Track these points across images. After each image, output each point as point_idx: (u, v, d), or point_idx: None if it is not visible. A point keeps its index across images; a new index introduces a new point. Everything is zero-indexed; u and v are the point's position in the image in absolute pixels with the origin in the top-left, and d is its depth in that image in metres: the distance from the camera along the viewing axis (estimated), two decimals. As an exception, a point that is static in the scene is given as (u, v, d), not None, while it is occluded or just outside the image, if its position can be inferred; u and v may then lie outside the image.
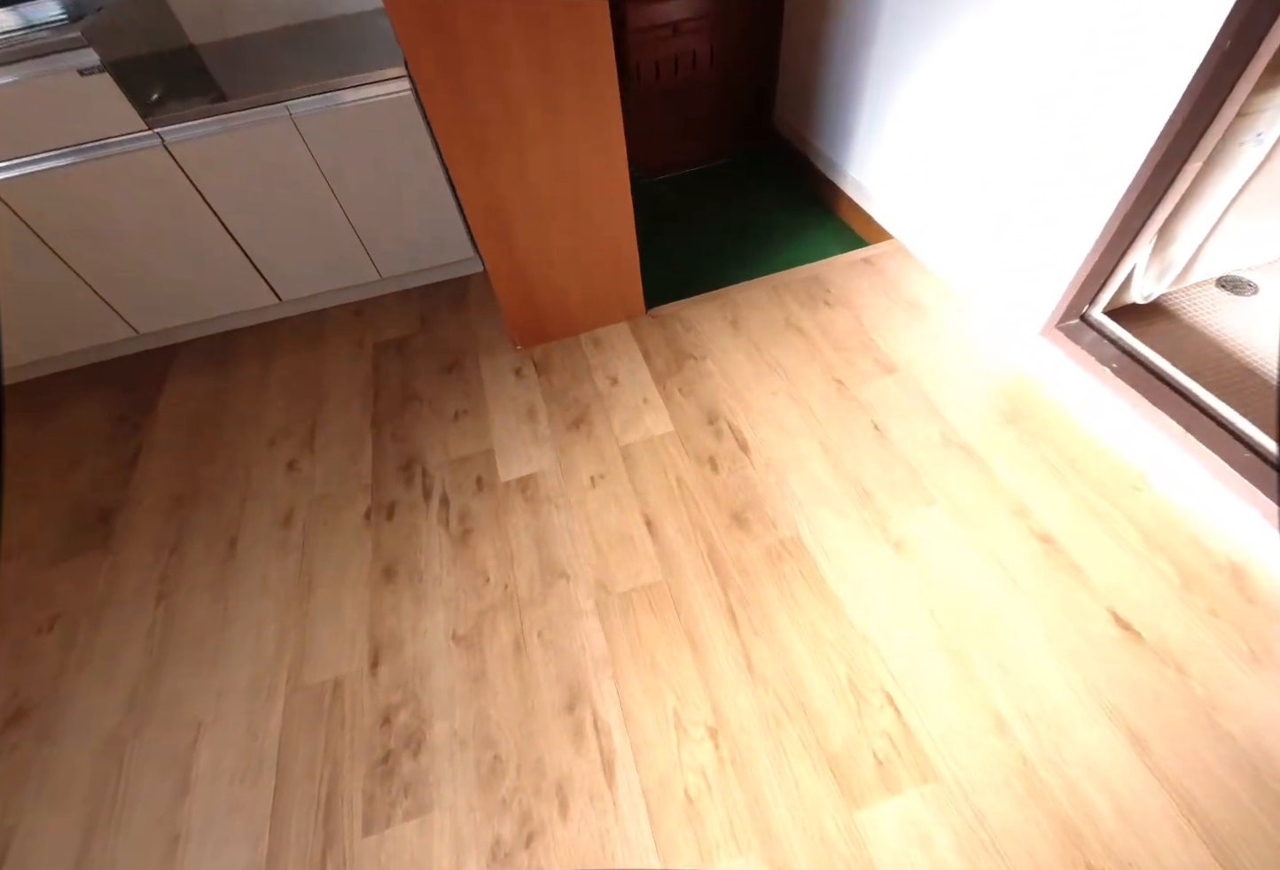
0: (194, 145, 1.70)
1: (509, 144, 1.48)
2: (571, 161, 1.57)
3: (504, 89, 1.39)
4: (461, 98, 1.38)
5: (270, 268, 1.98)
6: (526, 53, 1.35)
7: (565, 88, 1.42)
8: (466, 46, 1.31)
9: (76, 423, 1.97)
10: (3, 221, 1.71)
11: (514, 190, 1.58)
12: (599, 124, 1.52)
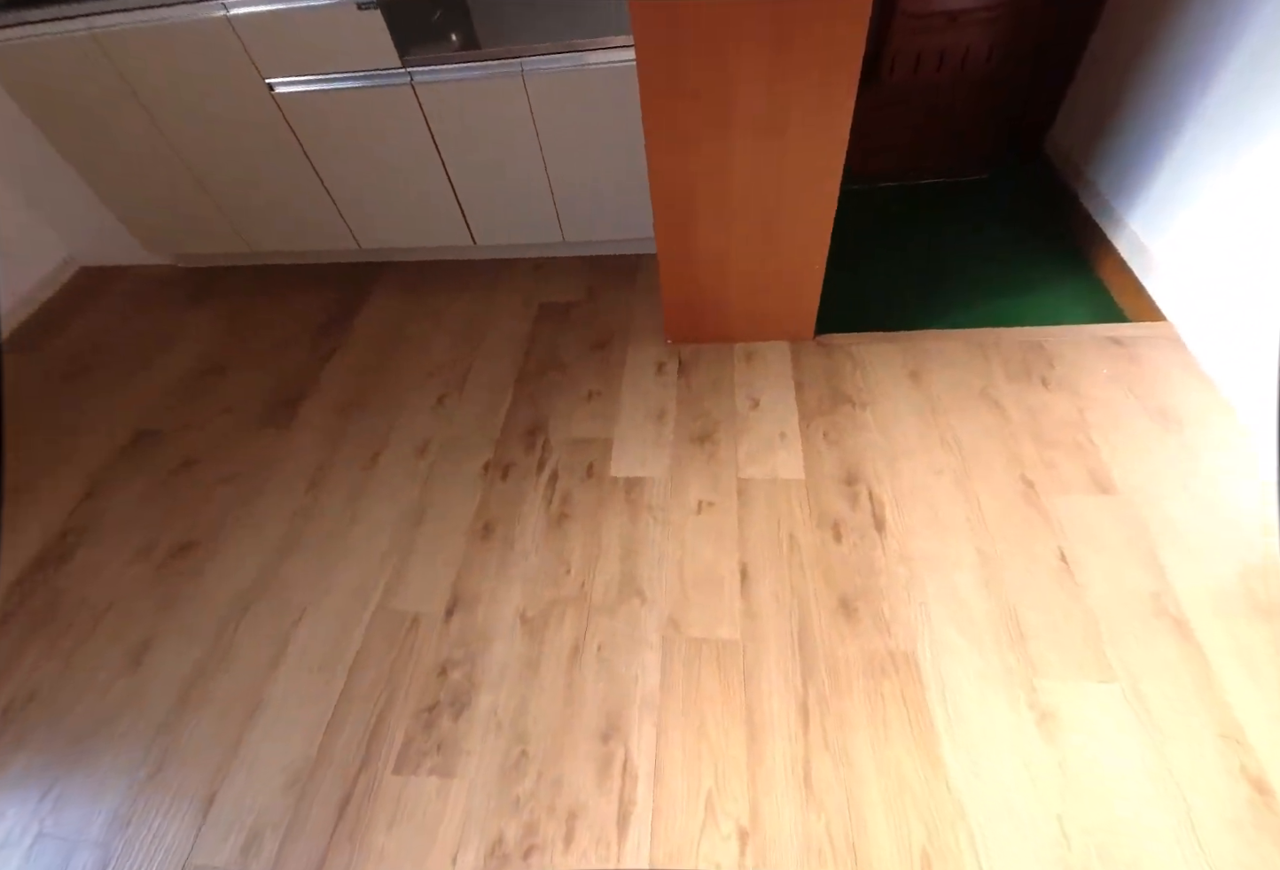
0: (436, 88, 1.70)
1: (714, 131, 1.31)
2: (779, 160, 1.35)
3: (724, 67, 1.20)
4: (675, 72, 1.22)
5: (473, 212, 1.99)
6: (760, 26, 1.13)
7: (796, 74, 1.20)
8: (692, 11, 1.13)
9: (299, 311, 2.15)
10: (277, 127, 1.84)
11: (706, 182, 1.41)
12: (825, 123, 1.27)
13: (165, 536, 1.56)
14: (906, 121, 2.14)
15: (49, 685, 1.34)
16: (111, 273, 2.45)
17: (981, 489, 1.40)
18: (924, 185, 2.32)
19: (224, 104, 1.80)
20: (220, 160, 1.95)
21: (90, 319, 2.27)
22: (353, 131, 1.83)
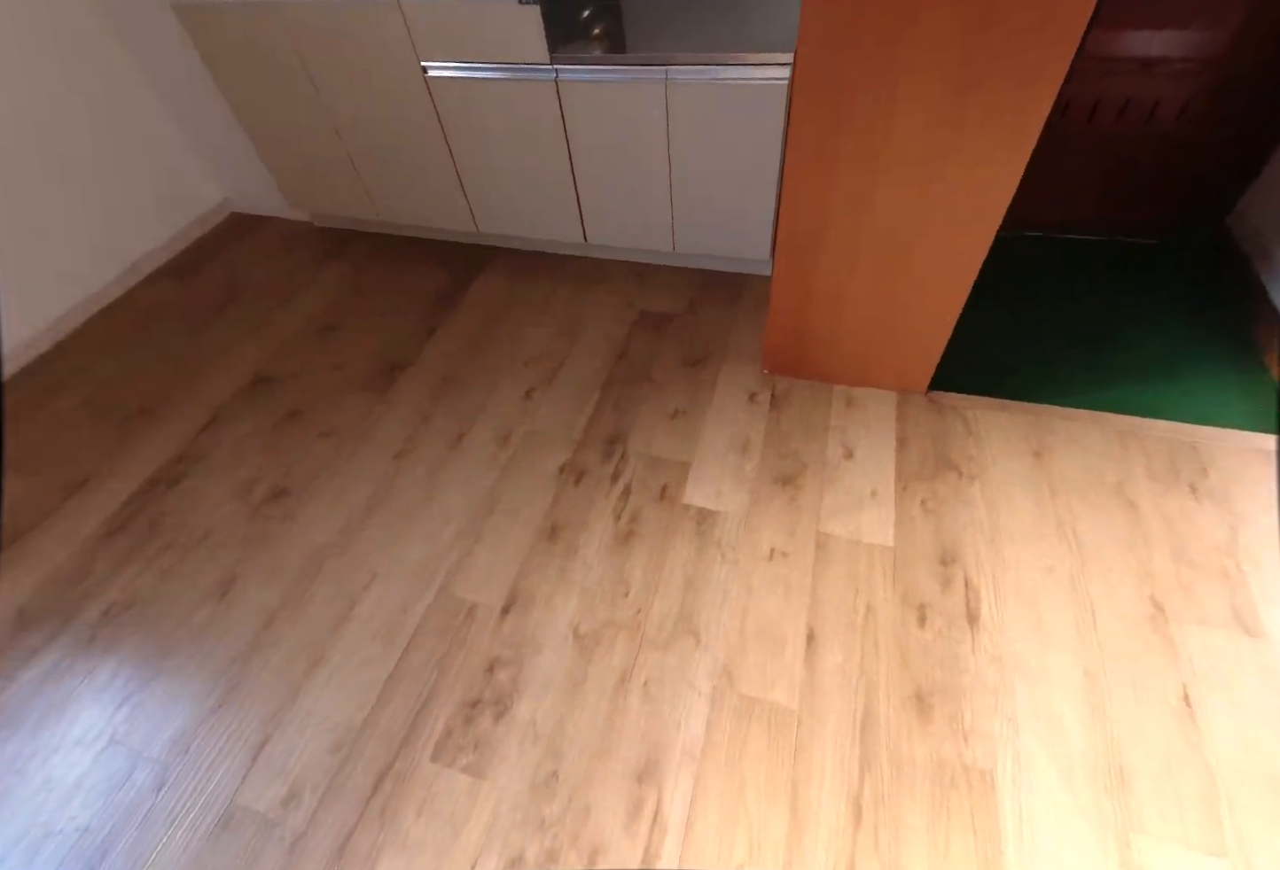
0: (578, 87, 1.63)
1: (862, 163, 1.18)
2: (930, 201, 1.20)
3: (890, 95, 1.07)
4: (833, 94, 1.11)
5: (590, 210, 1.93)
6: (943, 53, 1.00)
7: (974, 109, 1.05)
8: (868, 31, 1.01)
9: (412, 283, 2.16)
10: (424, 107, 1.83)
11: (842, 215, 1.28)
12: (994, 167, 1.12)
13: (264, 479, 1.61)
14: (1072, 170, 1.87)
15: (145, 597, 1.40)
16: (256, 222, 2.54)
17: (1099, 599, 1.19)
18: (1081, 241, 2.01)
19: (380, 81, 1.80)
20: (367, 132, 1.96)
21: (233, 261, 2.36)
22: (491, 119, 1.79)
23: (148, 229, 2.32)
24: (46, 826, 1.09)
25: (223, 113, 2.17)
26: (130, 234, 2.26)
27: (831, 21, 1.02)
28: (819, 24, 1.03)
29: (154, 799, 1.11)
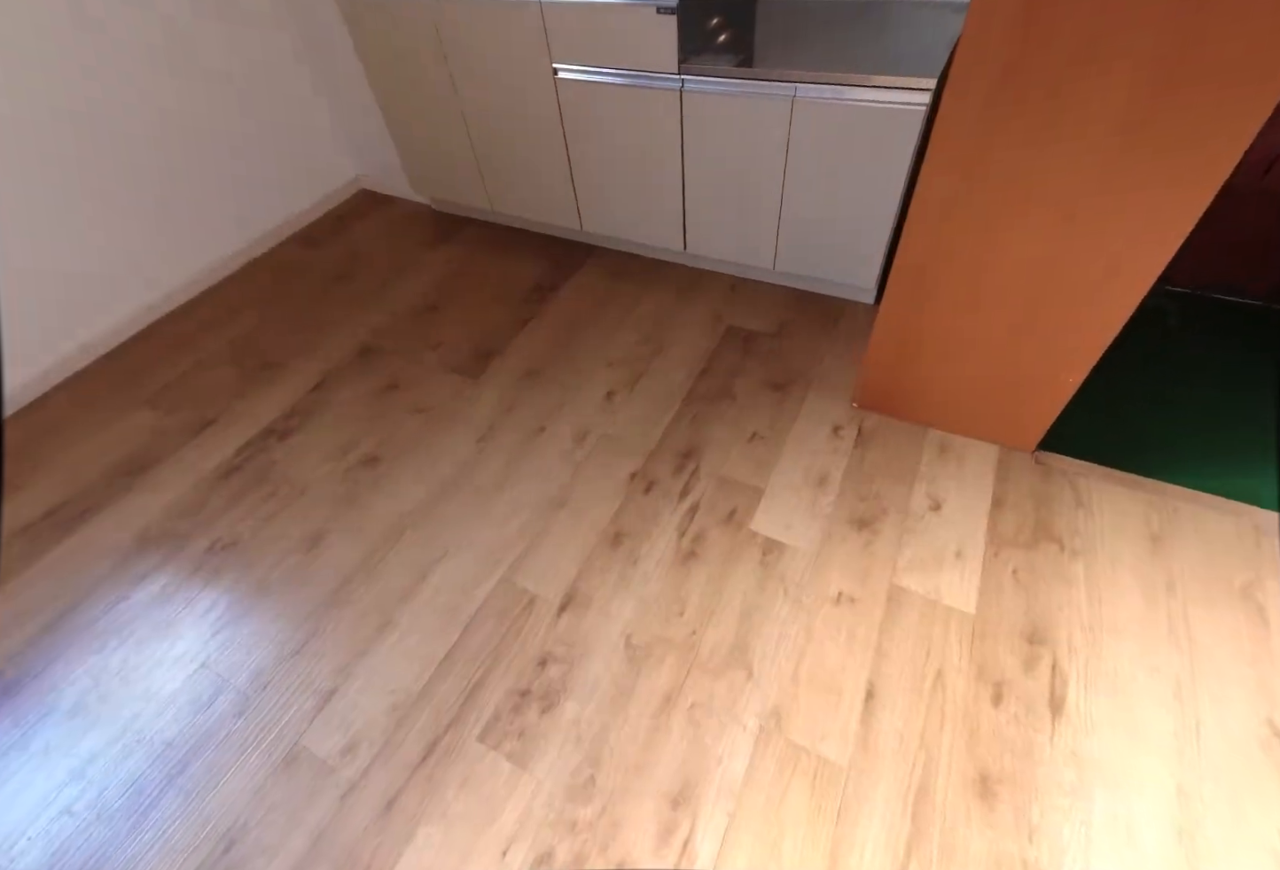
0: (701, 98, 1.57)
1: (1003, 208, 1.06)
2: (1075, 256, 1.06)
3: (1047, 142, 0.95)
4: (979, 134, 1.00)
5: (694, 220, 1.87)
6: (1115, 106, 0.88)
7: (1140, 169, 0.92)
8: (1032, 70, 0.90)
9: (513, 273, 2.17)
10: (549, 107, 1.81)
11: (968, 258, 1.16)
12: (1157, 228, 0.97)
13: (360, 444, 1.67)
14: (1237, 225, 1.60)
15: (245, 539, 1.49)
16: (381, 199, 2.61)
17: (1207, 711, 1.03)
18: (1239, 304, 1.73)
19: (512, 79, 1.79)
20: (492, 126, 1.96)
21: (357, 234, 2.44)
22: (611, 123, 1.75)
23: (288, 197, 2.42)
24: (139, 734, 1.18)
25: (365, 97, 2.23)
26: (272, 200, 2.37)
27: (992, 52, 0.91)
28: (977, 52, 0.92)
29: (232, 725, 1.18)
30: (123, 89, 1.86)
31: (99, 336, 2.01)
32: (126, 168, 1.93)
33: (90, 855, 1.04)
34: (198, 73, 2.01)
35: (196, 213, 2.15)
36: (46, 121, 1.73)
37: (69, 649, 1.32)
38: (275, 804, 1.07)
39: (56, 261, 1.86)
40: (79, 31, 1.73)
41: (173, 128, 2.00)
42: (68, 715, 1.22)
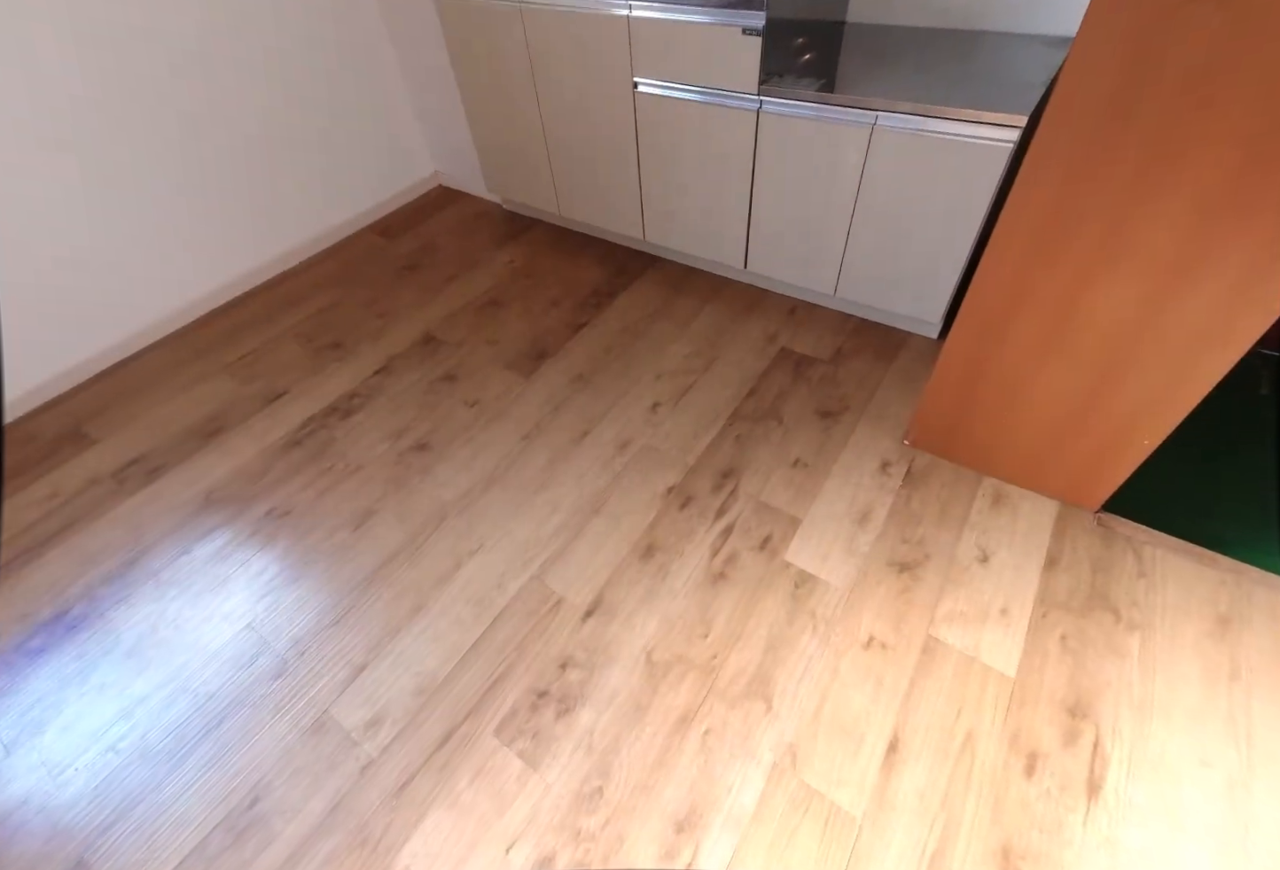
0: (777, 120, 1.52)
1: (1090, 258, 0.99)
2: (1164, 316, 0.98)
3: (1147, 190, 0.88)
4: (1072, 179, 0.93)
5: (757, 240, 1.82)
6: (1230, 151, 0.80)
7: (1246, 226, 0.84)
8: (1141, 106, 0.83)
9: (574, 277, 2.17)
10: (626, 119, 1.79)
11: (1045, 307, 1.08)
12: (1260, 291, 0.88)
13: (414, 430, 1.69)
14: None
15: (300, 509, 1.53)
16: (457, 195, 2.65)
17: (1261, 814, 0.93)
18: None
19: (593, 89, 1.78)
20: (570, 132, 1.96)
21: (432, 227, 2.48)
22: (684, 138, 1.72)
23: (372, 188, 2.48)
24: (185, 683, 1.23)
25: (452, 98, 2.25)
26: (359, 190, 2.43)
27: (1097, 85, 0.84)
28: (1081, 85, 0.85)
29: (269, 686, 1.21)
30: (235, 90, 1.93)
31: (192, 302, 2.11)
32: (238, 157, 2.02)
33: (130, 792, 1.09)
34: (300, 73, 2.07)
35: (292, 197, 2.22)
36: (171, 118, 1.81)
37: (134, 594, 1.38)
38: (300, 767, 1.10)
39: (175, 230, 1.96)
40: (206, 36, 1.80)
41: (276, 123, 2.07)
42: (125, 656, 1.28)
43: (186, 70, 1.82)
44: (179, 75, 1.81)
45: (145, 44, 1.72)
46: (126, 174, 1.82)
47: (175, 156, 1.89)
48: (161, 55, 1.76)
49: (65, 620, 1.35)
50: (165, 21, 1.74)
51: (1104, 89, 0.84)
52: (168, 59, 1.77)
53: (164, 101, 1.81)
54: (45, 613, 1.36)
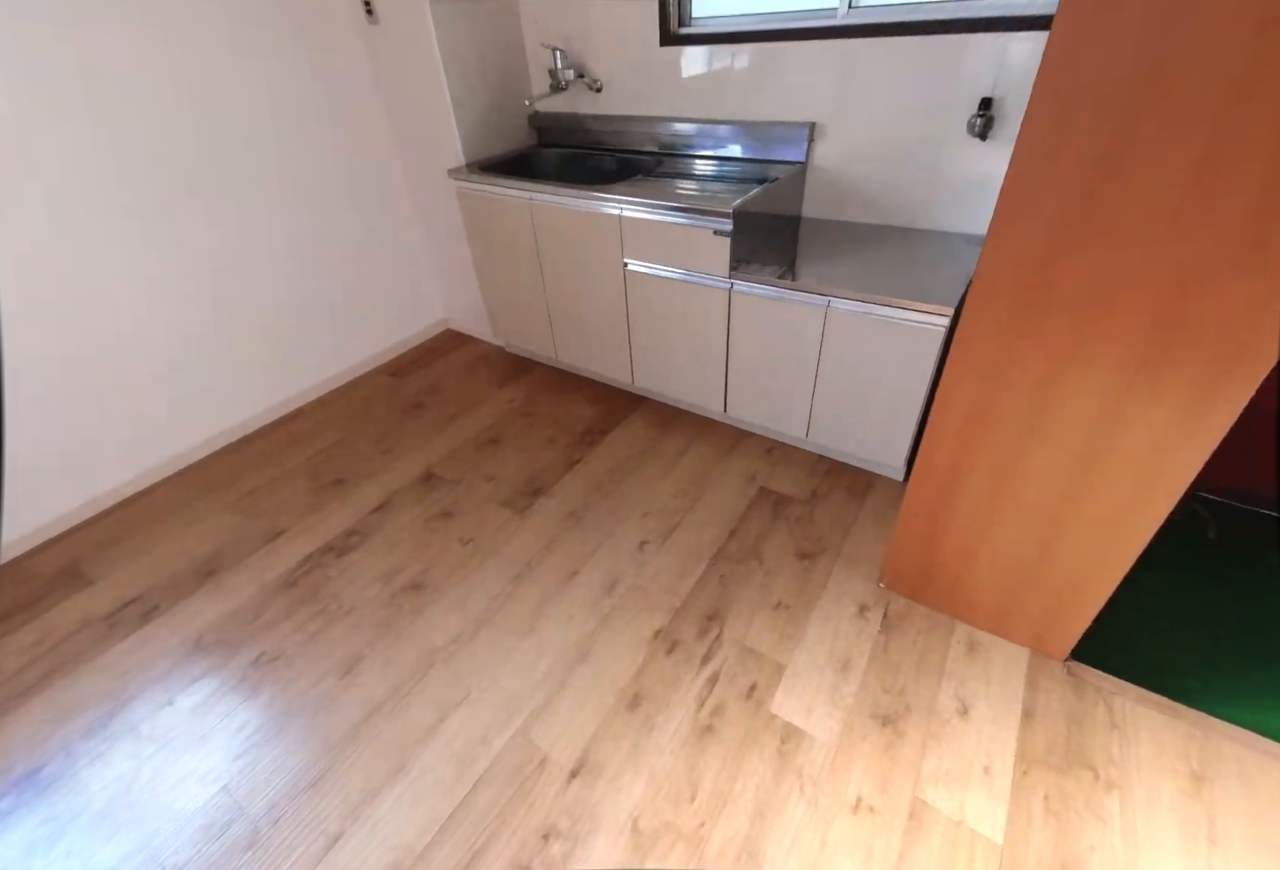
0: (747, 298, 1.82)
1: (1018, 427, 1.15)
2: (1092, 475, 1.13)
3: (1063, 365, 1.05)
4: (994, 365, 1.12)
5: (735, 389, 2.07)
6: (1135, 329, 0.96)
7: (1159, 387, 0.99)
8: (1049, 313, 1.02)
9: (568, 415, 2.39)
10: (616, 289, 2.11)
11: (987, 469, 1.25)
12: (1177, 451, 1.02)
13: (407, 569, 1.79)
14: (1264, 443, 1.58)
15: (289, 654, 1.57)
16: (463, 339, 2.98)
17: None
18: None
19: (588, 263, 2.12)
20: (567, 294, 2.29)
21: (438, 368, 2.76)
22: (668, 307, 2.03)
23: (388, 332, 2.80)
24: (154, 853, 1.21)
25: (465, 262, 2.63)
26: (375, 335, 2.75)
27: (1004, 287, 1.05)
28: (990, 287, 1.06)
29: (240, 858, 1.19)
30: (268, 249, 2.29)
31: (205, 440, 2.30)
32: (266, 307, 2.32)
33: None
34: (335, 237, 2.46)
35: (313, 344, 2.52)
36: (205, 268, 2.14)
37: (111, 750, 1.39)
38: (262, 961, 1.05)
39: (190, 373, 2.19)
40: (243, 182, 2.19)
41: (310, 277, 2.42)
42: (96, 818, 1.27)
43: (227, 225, 2.17)
44: (215, 224, 2.16)
45: (211, 210, 2.08)
46: (158, 317, 2.06)
47: (207, 304, 2.17)
48: (203, 212, 2.12)
49: (39, 779, 1.34)
50: (219, 185, 2.11)
51: (1003, 307, 1.07)
52: (208, 214, 2.13)
53: (199, 258, 2.12)
54: (19, 770, 1.36)
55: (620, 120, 2.33)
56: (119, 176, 1.84)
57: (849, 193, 2.01)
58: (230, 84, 1.99)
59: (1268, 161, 0.79)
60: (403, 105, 2.36)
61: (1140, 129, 0.84)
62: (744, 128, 2.06)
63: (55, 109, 1.68)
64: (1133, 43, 0.80)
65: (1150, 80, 0.81)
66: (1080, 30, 0.82)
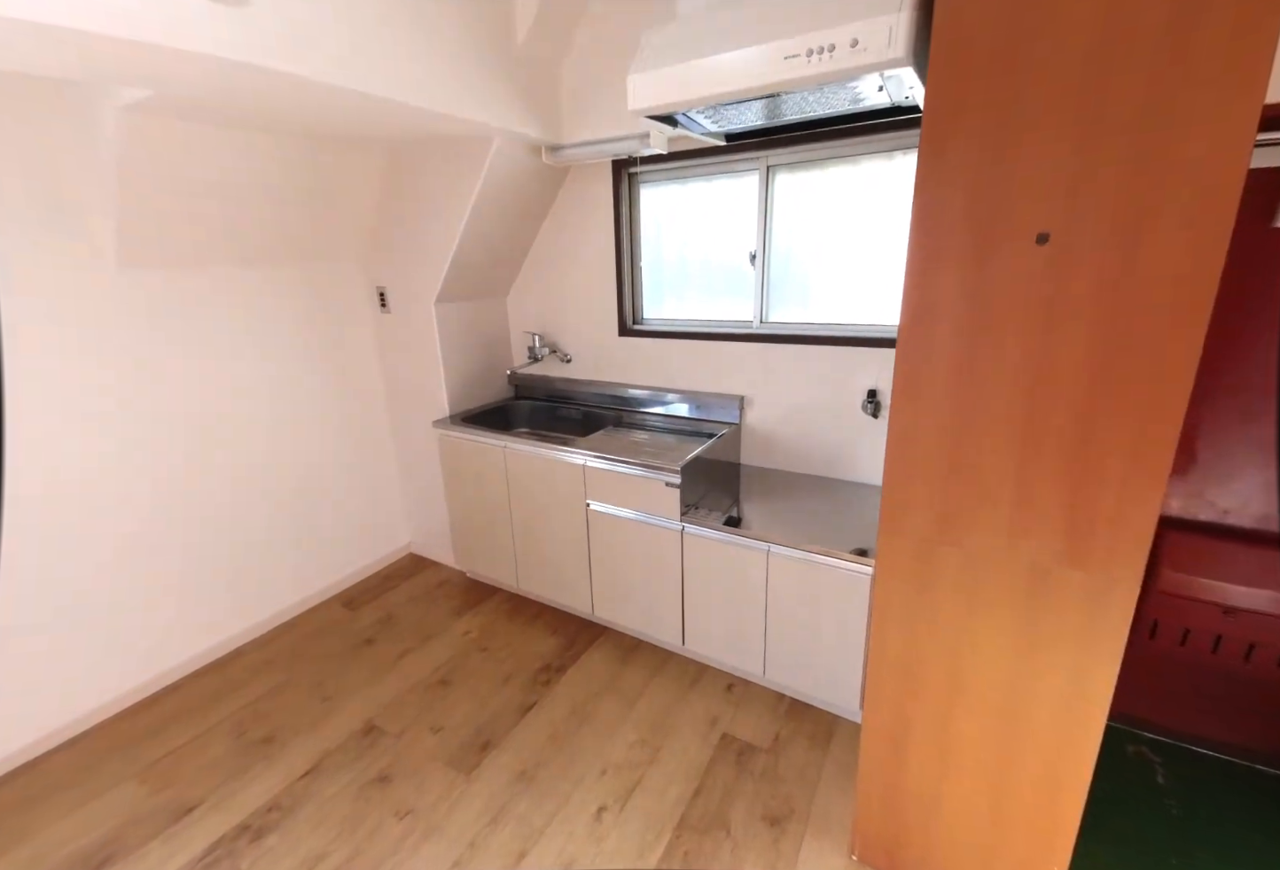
0: (698, 539, 2.05)
1: (940, 690, 1.31)
2: (1017, 726, 1.25)
3: (970, 629, 1.25)
4: (914, 628, 1.31)
5: (692, 623, 2.18)
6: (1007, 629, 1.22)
7: (1041, 662, 1.19)
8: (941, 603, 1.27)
9: (527, 648, 2.40)
10: (579, 525, 2.33)
11: (926, 725, 1.35)
12: (1081, 694, 1.17)
13: (331, 855, 1.59)
14: (1190, 684, 1.76)
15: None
16: (425, 564, 3.08)
17: None
18: (1221, 760, 1.77)
19: (554, 502, 2.38)
20: (532, 527, 2.50)
21: (396, 596, 2.80)
22: (626, 544, 2.24)
23: (349, 557, 2.88)
24: None
25: (437, 489, 2.88)
26: (336, 559, 2.82)
27: (907, 547, 1.29)
28: (893, 553, 1.31)
29: None
30: (236, 469, 2.49)
31: (123, 695, 2.16)
32: (222, 532, 2.41)
33: None
34: (309, 457, 2.70)
35: (266, 572, 2.55)
36: (172, 503, 2.28)
37: None
38: None
39: (117, 614, 2.15)
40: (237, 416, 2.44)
41: (282, 497, 2.57)
42: None
43: (202, 444, 2.37)
44: (185, 439, 2.35)
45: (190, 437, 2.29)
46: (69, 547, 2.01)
47: (167, 528, 2.26)
48: (183, 438, 2.32)
49: None
50: (194, 414, 2.36)
51: (907, 557, 1.30)
52: (187, 444, 2.33)
53: (156, 469, 2.29)
54: None
55: (586, 383, 2.85)
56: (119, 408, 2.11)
57: (777, 447, 2.43)
58: (249, 350, 2.41)
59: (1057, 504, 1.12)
60: (398, 368, 2.85)
61: (964, 435, 1.18)
62: (689, 395, 2.56)
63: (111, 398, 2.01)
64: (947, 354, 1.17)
65: (965, 383, 1.17)
66: (912, 342, 1.19)
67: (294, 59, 1.38)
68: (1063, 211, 0.99)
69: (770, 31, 1.27)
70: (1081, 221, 0.98)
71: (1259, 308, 1.53)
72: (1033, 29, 0.96)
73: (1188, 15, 0.87)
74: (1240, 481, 1.51)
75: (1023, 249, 1.03)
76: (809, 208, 2.17)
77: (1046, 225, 0.99)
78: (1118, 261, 0.98)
